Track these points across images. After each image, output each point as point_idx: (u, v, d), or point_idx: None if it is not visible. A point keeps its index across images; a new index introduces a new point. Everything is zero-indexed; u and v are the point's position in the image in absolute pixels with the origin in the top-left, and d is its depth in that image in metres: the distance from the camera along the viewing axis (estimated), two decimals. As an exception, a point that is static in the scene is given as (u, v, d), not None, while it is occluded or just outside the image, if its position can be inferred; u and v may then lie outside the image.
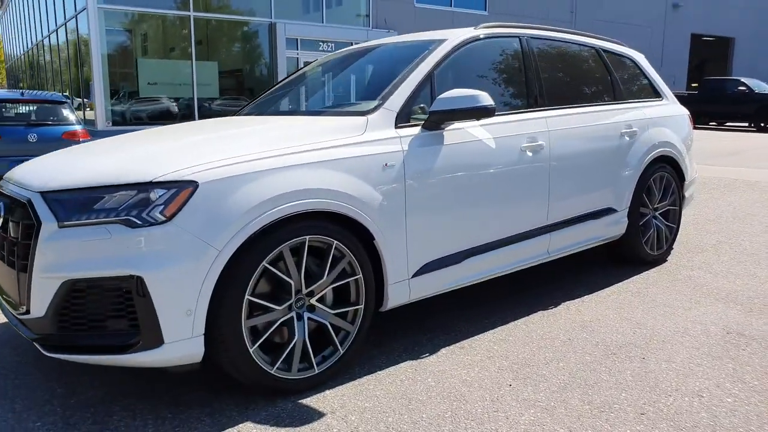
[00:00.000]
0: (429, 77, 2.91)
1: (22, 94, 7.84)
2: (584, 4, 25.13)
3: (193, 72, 14.61)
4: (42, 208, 2.12)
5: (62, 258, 2.06)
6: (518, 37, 3.48)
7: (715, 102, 18.56)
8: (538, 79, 3.46)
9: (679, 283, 3.83)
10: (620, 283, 3.84)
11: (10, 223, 2.28)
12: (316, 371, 2.44)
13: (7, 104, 7.39)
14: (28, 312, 2.15)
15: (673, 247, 4.60)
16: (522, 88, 3.40)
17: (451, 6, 22.11)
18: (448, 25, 19.88)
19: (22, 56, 25.69)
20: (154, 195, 2.07)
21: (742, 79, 18.64)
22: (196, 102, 15.13)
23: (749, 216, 5.89)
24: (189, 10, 14.48)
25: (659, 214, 4.28)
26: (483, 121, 3.02)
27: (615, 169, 3.79)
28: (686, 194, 4.50)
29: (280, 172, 2.27)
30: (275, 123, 2.76)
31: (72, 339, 2.10)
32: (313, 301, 2.44)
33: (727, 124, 19.80)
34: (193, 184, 2.09)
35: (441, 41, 3.12)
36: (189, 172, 2.11)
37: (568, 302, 3.49)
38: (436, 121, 2.78)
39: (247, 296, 2.20)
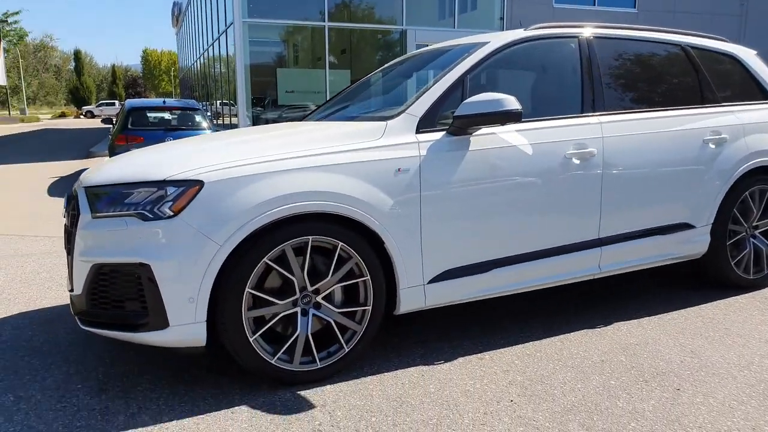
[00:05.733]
0: (461, 82, 2.88)
1: (164, 102, 8.89)
2: (757, -6, 22.19)
3: (326, 80, 15.41)
4: (83, 201, 2.45)
5: (93, 244, 2.37)
6: (576, 36, 3.30)
7: None
8: (597, 83, 3.24)
9: (770, 311, 3.37)
10: (694, 307, 3.46)
11: (68, 214, 2.66)
12: (319, 366, 2.53)
13: (152, 111, 8.43)
14: (72, 290, 2.51)
15: (782, 271, 4.03)
16: (575, 92, 3.21)
17: (594, 5, 20.89)
18: (589, 26, 18.68)
19: (192, 67, 28.87)
20: (167, 192, 2.30)
21: None
22: (329, 108, 15.87)
23: None
24: (325, 21, 15.31)
25: (759, 233, 3.78)
26: (521, 126, 2.92)
27: (692, 180, 3.43)
28: (799, 211, 3.92)
29: (283, 175, 2.40)
30: (302, 128, 2.91)
31: (99, 315, 2.41)
32: (319, 298, 2.54)
33: None
34: (199, 183, 2.30)
35: (482, 44, 3.06)
36: (196, 172, 2.32)
37: (620, 323, 3.23)
38: (461, 126, 2.74)
39: (247, 289, 2.36)
